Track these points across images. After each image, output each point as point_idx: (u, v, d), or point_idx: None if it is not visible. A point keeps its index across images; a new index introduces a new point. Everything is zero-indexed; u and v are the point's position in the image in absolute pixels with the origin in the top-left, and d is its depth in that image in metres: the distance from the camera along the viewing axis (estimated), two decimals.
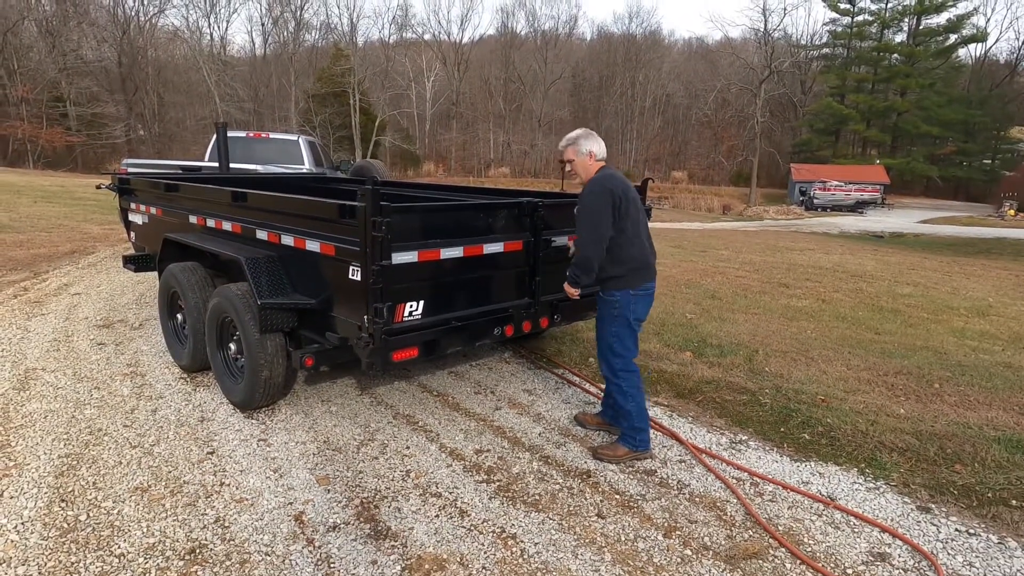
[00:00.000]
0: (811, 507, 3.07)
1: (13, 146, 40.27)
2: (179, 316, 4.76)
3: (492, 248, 3.62)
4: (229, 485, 3.12)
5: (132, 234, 6.15)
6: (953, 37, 53.80)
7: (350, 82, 48.89)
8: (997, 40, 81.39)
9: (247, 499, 3.01)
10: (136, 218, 5.87)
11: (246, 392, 3.86)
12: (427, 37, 62.93)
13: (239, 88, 53.58)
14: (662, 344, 5.55)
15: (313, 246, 3.44)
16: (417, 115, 58.93)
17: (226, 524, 2.82)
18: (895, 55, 55.12)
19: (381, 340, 3.13)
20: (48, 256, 9.56)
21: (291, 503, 2.99)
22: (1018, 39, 75.04)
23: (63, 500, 2.96)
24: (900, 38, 55.84)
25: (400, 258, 3.16)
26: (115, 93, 48.13)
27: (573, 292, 3.49)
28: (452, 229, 3.47)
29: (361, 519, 2.88)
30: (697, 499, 3.11)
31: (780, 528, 2.88)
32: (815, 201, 43.16)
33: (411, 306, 3.31)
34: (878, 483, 3.31)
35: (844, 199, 43.27)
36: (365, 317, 3.14)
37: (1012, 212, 38.64)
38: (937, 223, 33.44)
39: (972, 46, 56.69)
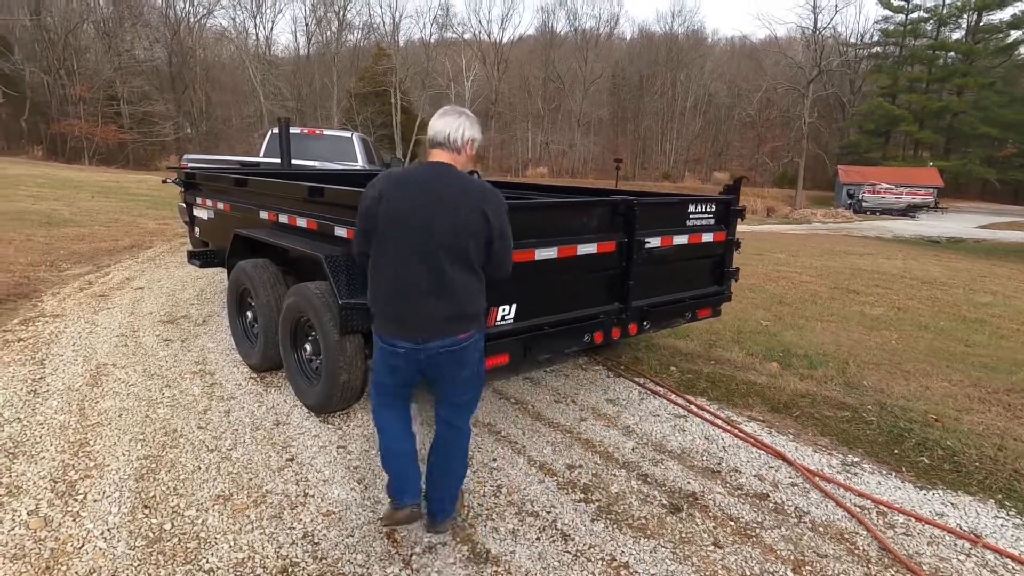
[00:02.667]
0: (954, 544, 2.75)
1: (71, 143, 41.64)
2: (249, 314, 4.64)
3: (585, 249, 3.39)
4: (314, 496, 2.95)
5: (197, 229, 6.09)
6: (1016, 34, 51.45)
7: (392, 81, 49.21)
8: None
9: (334, 512, 2.83)
10: (201, 213, 5.81)
11: (322, 395, 3.70)
12: (467, 36, 63.01)
13: (283, 87, 54.45)
14: (744, 353, 5.24)
15: None
16: None
17: (315, 540, 2.64)
18: (952, 53, 52.99)
19: None
20: (109, 250, 9.68)
21: (380, 518, 2.80)
22: None
23: (146, 506, 2.82)
24: (957, 35, 53.70)
25: None
26: (165, 92, 49.36)
27: None
28: (546, 228, 3.24)
29: (457, 539, 2.67)
30: (820, 529, 2.82)
31: (925, 567, 2.58)
32: (864, 204, 41.74)
33: (504, 310, 3.10)
34: None
35: (895, 202, 41.74)
36: None
37: None
38: (998, 228, 31.95)
39: None
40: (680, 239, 3.89)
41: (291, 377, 4.06)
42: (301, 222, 4.11)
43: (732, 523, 2.83)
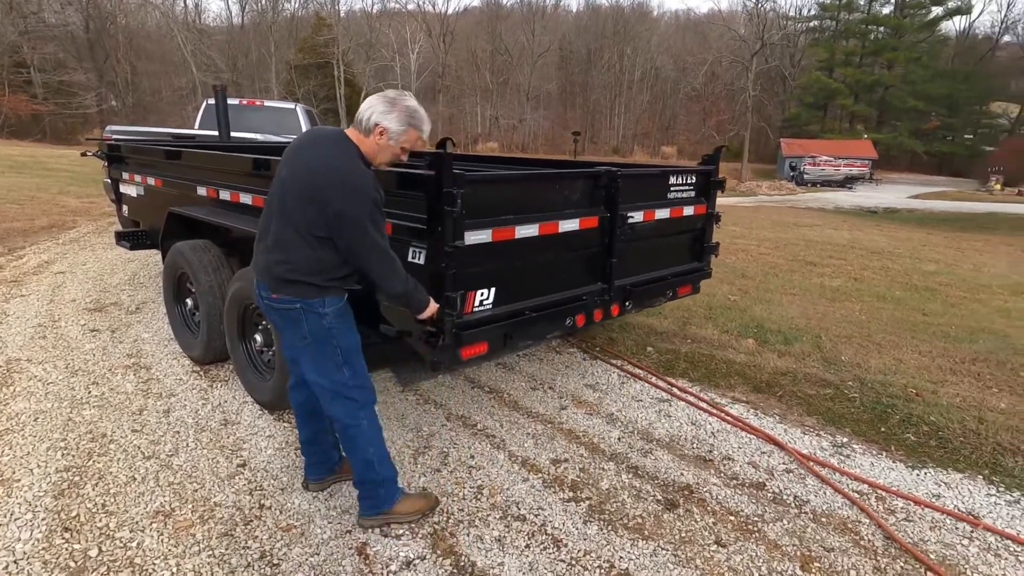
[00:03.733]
0: (955, 528, 2.64)
1: None
2: (189, 301, 4.18)
3: (568, 226, 3.10)
4: (271, 508, 2.61)
5: (124, 207, 5.51)
6: (938, 10, 53.49)
7: (334, 53, 47.32)
8: (980, 13, 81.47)
9: (296, 526, 2.50)
10: (129, 189, 5.23)
11: (276, 391, 3.32)
12: (411, 7, 61.02)
13: (216, 58, 51.62)
14: (719, 330, 5.10)
15: None
16: (402, 88, 57.37)
17: (275, 561, 2.32)
18: (882, 27, 54.65)
19: (452, 334, 2.62)
20: (23, 231, 8.83)
21: (349, 531, 2.49)
22: (1000, 12, 75.01)
23: (67, 529, 2.42)
24: (888, 10, 55.35)
25: (474, 238, 2.63)
26: (83, 61, 46.04)
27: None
28: (526, 204, 2.93)
29: (438, 551, 2.39)
30: (823, 519, 2.66)
31: (932, 556, 2.45)
32: (805, 176, 42.90)
33: (481, 294, 2.80)
34: (1015, 495, 2.90)
35: (833, 174, 43.07)
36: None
37: (999, 186, 38.80)
38: (928, 198, 33.39)
39: (956, 19, 56.57)
40: (662, 213, 3.64)
41: (240, 371, 3.66)
42: (245, 198, 3.68)
43: (732, 518, 2.65)
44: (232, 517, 2.54)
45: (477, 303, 2.79)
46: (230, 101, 9.58)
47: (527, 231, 2.89)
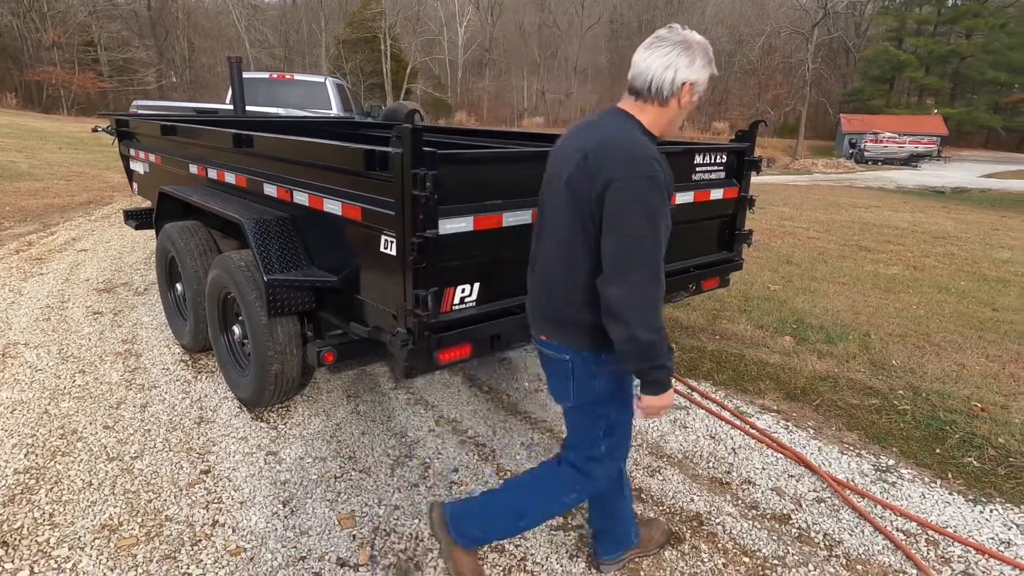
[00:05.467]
0: None
1: (48, 92, 39.96)
2: (179, 286, 3.99)
3: None
4: (224, 525, 2.36)
5: (135, 185, 5.37)
6: None
7: (381, 27, 47.15)
8: None
9: (245, 550, 2.24)
10: (137, 166, 5.08)
11: (254, 388, 3.08)
12: None
13: (269, 33, 52.33)
14: (753, 325, 4.62)
15: (333, 207, 2.57)
16: (449, 62, 56.81)
17: None
18: None
19: (423, 337, 2.29)
20: (62, 207, 8.94)
21: (303, 557, 2.22)
22: None
23: (4, 543, 2.23)
24: None
25: (450, 226, 2.28)
26: (145, 38, 47.36)
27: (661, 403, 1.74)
28: (517, 186, 2.56)
29: None
30: (859, 567, 2.24)
31: None
32: (865, 154, 40.62)
33: (463, 290, 2.45)
34: None
35: (897, 152, 40.62)
36: (402, 305, 2.29)
37: None
38: (1004, 177, 31.06)
39: None
40: (684, 197, 3.20)
41: (221, 364, 3.44)
42: (229, 177, 3.42)
43: (747, 559, 2.26)
44: (180, 535, 2.30)
45: (458, 300, 2.44)
46: (260, 75, 9.53)
47: (518, 218, 2.52)
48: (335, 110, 9.26)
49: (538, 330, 1.87)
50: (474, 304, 2.49)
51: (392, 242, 2.29)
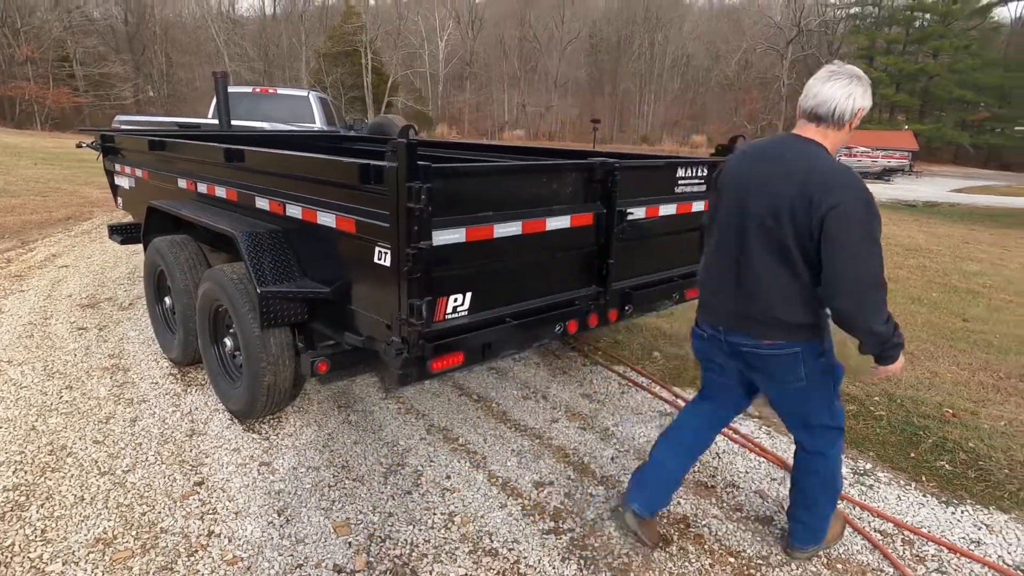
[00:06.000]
0: None
1: (21, 107, 39.39)
2: (167, 300, 4.00)
3: (556, 223, 2.79)
4: (220, 535, 2.38)
5: (119, 200, 5.36)
6: None
7: (362, 40, 47.33)
8: None
9: (241, 560, 2.27)
10: (123, 181, 5.08)
11: (246, 400, 3.10)
12: None
13: (248, 47, 52.22)
14: None
15: (327, 219, 2.63)
16: (430, 75, 57.15)
17: None
18: (928, 14, 52.46)
19: (418, 346, 2.35)
20: (40, 223, 8.83)
21: (300, 565, 2.25)
22: None
23: None
24: None
25: (444, 237, 2.35)
26: (122, 52, 46.95)
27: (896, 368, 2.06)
28: (507, 199, 2.64)
29: None
30: (839, 566, 2.33)
31: None
32: None
33: (455, 300, 2.51)
34: None
35: (871, 166, 41.56)
36: (397, 315, 2.34)
37: None
38: (972, 192, 31.92)
39: (1012, 5, 54.01)
40: (667, 208, 3.31)
41: (212, 377, 3.45)
42: (220, 191, 3.46)
43: (732, 560, 2.33)
44: (176, 547, 2.32)
45: (450, 309, 2.51)
46: (243, 89, 9.54)
47: (508, 230, 2.59)
48: (318, 124, 9.29)
49: (758, 335, 2.05)
50: (466, 313, 2.55)
51: (386, 253, 2.36)
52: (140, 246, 6.38)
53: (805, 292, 1.96)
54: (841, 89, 1.93)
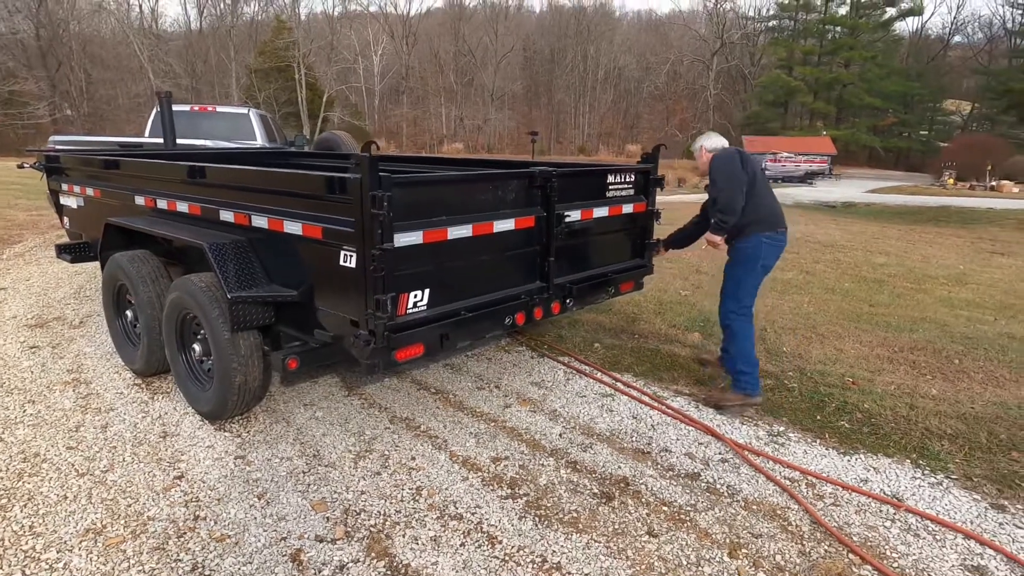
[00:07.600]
0: (880, 511, 2.74)
1: None
2: (129, 313, 4.11)
3: (502, 226, 3.14)
4: (205, 519, 2.59)
5: (65, 219, 5.38)
6: (891, 11, 55.08)
7: (294, 56, 46.75)
8: (932, 14, 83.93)
9: (229, 536, 2.48)
10: (69, 201, 5.12)
11: (217, 401, 3.29)
12: (373, 9, 60.82)
13: (174, 63, 50.62)
14: (666, 324, 5.19)
15: (293, 228, 2.88)
16: (366, 90, 56.90)
17: (206, 572, 2.30)
18: (839, 27, 56.06)
19: (384, 337, 2.63)
20: None
21: (284, 538, 2.48)
22: (951, 13, 77.40)
23: None
24: (844, 10, 56.75)
25: (403, 239, 2.65)
26: (35, 69, 44.74)
27: (717, 240, 3.74)
28: (458, 204, 2.96)
29: (373, 554, 2.40)
30: (754, 507, 2.74)
31: (855, 539, 2.54)
32: (767, 172, 43.66)
33: (415, 296, 2.81)
34: (938, 477, 3.01)
35: (794, 170, 43.93)
36: (364, 311, 2.62)
37: (952, 181, 39.99)
38: (884, 192, 34.25)
39: (909, 19, 58.24)
40: (600, 211, 3.71)
41: (180, 382, 3.61)
42: (182, 207, 3.64)
43: (665, 508, 2.71)
44: (165, 530, 2.51)
45: (411, 305, 2.80)
46: (182, 108, 9.50)
47: (460, 232, 2.92)
48: (259, 141, 9.35)
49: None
50: (425, 308, 2.85)
51: (352, 255, 2.64)
52: (82, 267, 6.41)
53: None
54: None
